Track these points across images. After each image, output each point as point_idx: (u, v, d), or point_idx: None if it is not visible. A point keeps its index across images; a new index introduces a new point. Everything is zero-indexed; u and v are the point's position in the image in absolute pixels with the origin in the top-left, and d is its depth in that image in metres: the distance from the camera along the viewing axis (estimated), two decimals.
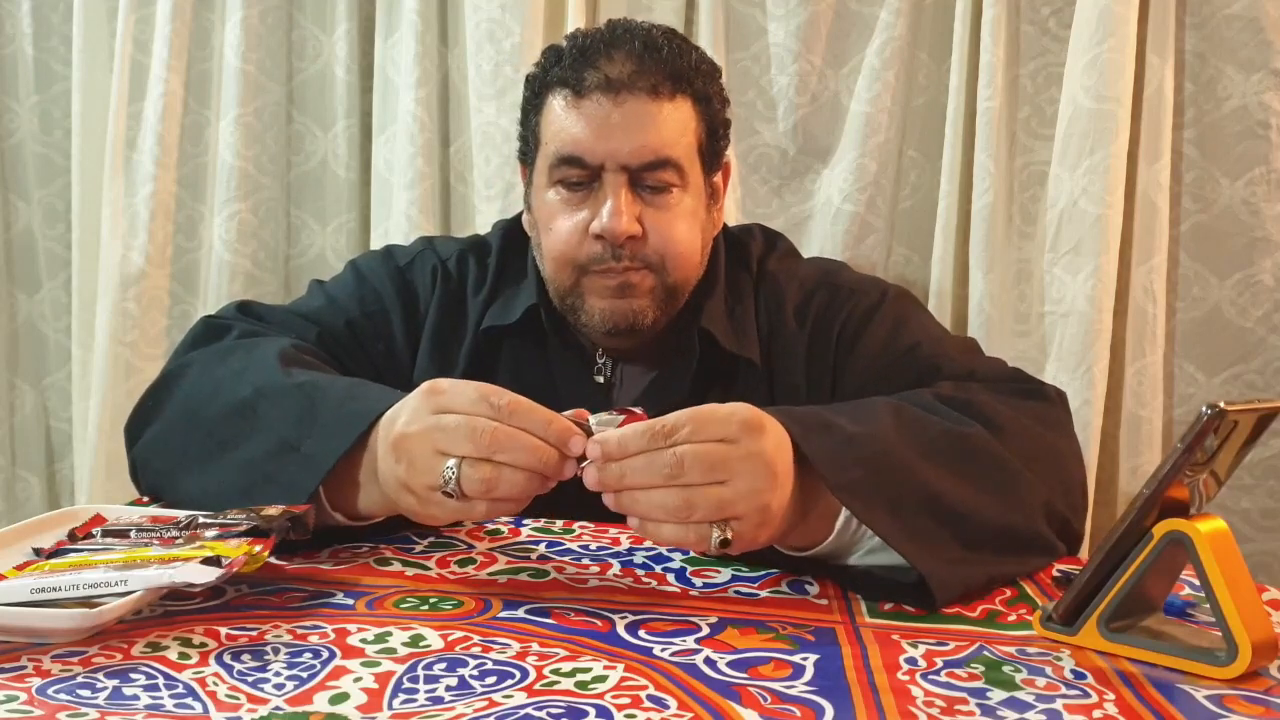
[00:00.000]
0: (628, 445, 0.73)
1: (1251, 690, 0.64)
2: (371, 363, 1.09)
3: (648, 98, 1.01)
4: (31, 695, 0.58)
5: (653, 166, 1.02)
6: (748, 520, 0.73)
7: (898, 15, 1.52)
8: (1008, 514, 0.83)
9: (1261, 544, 1.50)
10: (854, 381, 1.05)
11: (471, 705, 0.58)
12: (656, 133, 1.01)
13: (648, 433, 0.73)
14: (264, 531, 0.77)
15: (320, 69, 1.71)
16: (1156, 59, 1.46)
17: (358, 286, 1.13)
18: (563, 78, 1.04)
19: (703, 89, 1.06)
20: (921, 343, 1.06)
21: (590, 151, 1.01)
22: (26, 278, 1.84)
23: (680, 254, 1.04)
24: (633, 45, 1.03)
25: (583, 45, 1.04)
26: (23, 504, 1.85)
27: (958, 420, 0.86)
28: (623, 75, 1.01)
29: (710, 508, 0.72)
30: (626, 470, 0.72)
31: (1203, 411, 0.64)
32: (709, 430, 0.73)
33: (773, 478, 0.73)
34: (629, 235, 1.01)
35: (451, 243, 1.19)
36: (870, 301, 1.10)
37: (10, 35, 1.79)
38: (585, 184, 1.03)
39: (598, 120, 1.01)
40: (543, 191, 1.06)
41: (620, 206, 1.00)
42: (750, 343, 1.08)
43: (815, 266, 1.18)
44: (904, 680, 0.64)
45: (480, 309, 1.11)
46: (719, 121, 1.09)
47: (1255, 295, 1.48)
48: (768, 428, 0.74)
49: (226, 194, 1.68)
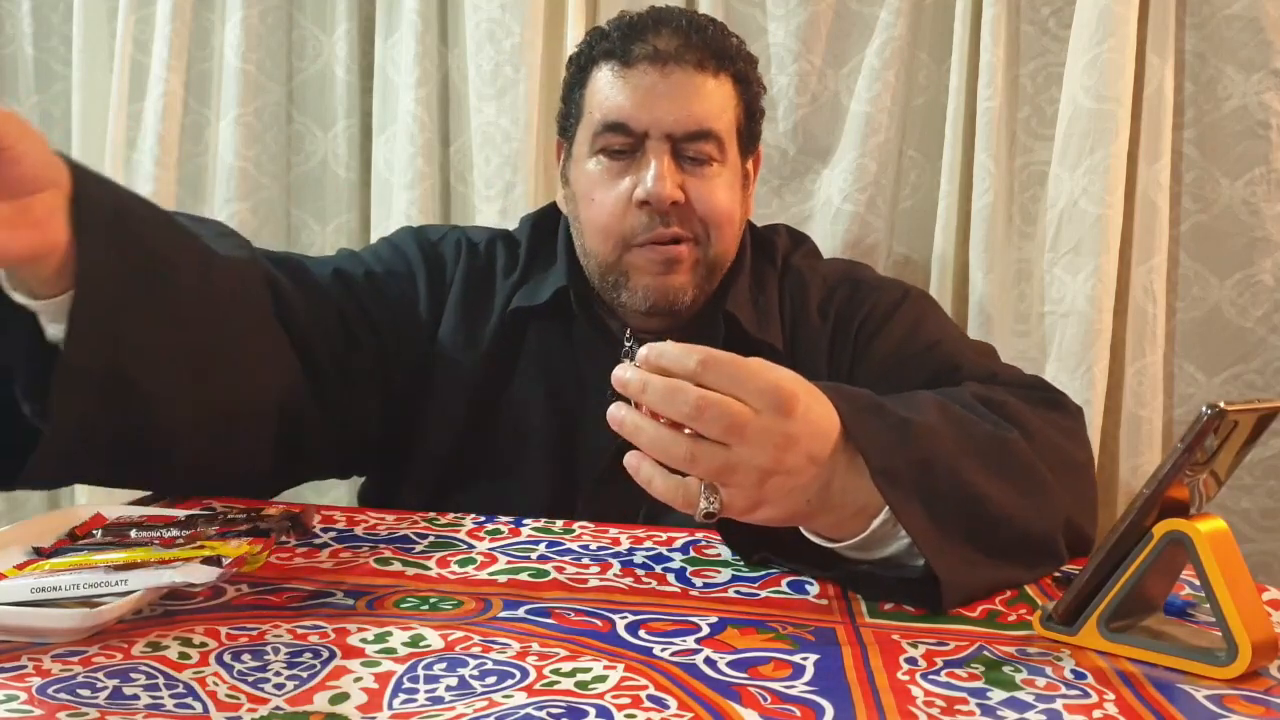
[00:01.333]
0: (664, 359, 0.71)
1: (1251, 690, 0.64)
2: (390, 311, 1.10)
3: (694, 70, 1.04)
4: (31, 695, 0.58)
5: (695, 137, 1.04)
6: (741, 491, 0.72)
7: (898, 15, 1.52)
8: (1035, 522, 0.83)
9: (1261, 544, 1.50)
10: (870, 375, 1.06)
11: (471, 705, 0.58)
12: (701, 104, 1.04)
13: (686, 358, 0.71)
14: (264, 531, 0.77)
15: (320, 69, 1.71)
16: (1156, 59, 1.46)
17: (388, 250, 1.16)
18: (609, 50, 1.06)
19: (744, 71, 1.09)
20: (941, 341, 1.07)
21: (635, 118, 1.03)
22: None
23: (722, 223, 1.06)
24: (680, 22, 1.07)
25: (629, 22, 1.08)
26: (23, 504, 1.84)
27: (995, 423, 0.85)
28: (670, 48, 1.04)
29: (712, 466, 0.71)
30: (648, 386, 0.70)
31: (1203, 411, 0.64)
32: (744, 387, 0.71)
33: (781, 460, 0.71)
34: (673, 200, 1.02)
35: (481, 230, 1.21)
36: (892, 299, 1.12)
37: (10, 35, 1.78)
38: (628, 153, 1.05)
39: (644, 89, 1.03)
40: (583, 162, 1.08)
41: (663, 171, 1.02)
42: (774, 329, 1.09)
43: (839, 265, 1.21)
44: (904, 680, 0.64)
45: (509, 291, 1.12)
46: (756, 106, 1.12)
47: (1255, 295, 1.48)
48: (798, 412, 0.72)
49: (226, 194, 1.68)
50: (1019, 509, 0.81)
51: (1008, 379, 1.01)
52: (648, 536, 0.92)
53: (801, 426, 0.72)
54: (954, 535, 0.77)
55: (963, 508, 0.78)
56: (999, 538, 0.79)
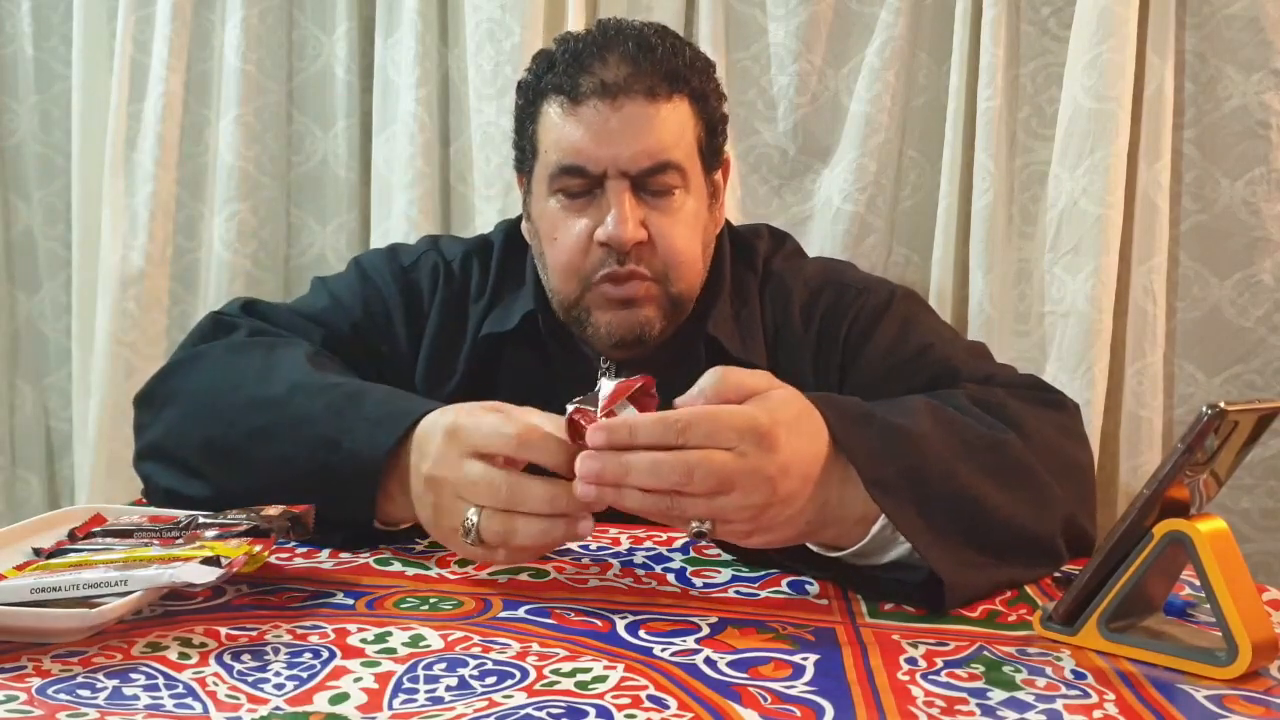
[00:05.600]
0: (638, 435, 0.70)
1: (1251, 690, 0.64)
2: (375, 364, 1.08)
3: (645, 100, 1.00)
4: (31, 695, 0.58)
5: (654, 171, 1.01)
6: (737, 526, 0.72)
7: (898, 15, 1.52)
8: (1034, 524, 0.83)
9: (1261, 544, 1.50)
10: (862, 381, 1.04)
11: (471, 705, 0.58)
12: (656, 136, 1.00)
13: (659, 426, 0.70)
14: (264, 531, 0.77)
15: (320, 69, 1.71)
16: (1156, 59, 1.46)
17: (362, 286, 1.12)
18: (557, 84, 1.02)
19: (700, 87, 1.05)
20: (934, 344, 1.05)
21: (592, 160, 1.00)
22: (26, 278, 1.84)
23: (683, 263, 1.03)
24: (626, 47, 1.01)
25: (575, 49, 1.02)
26: (23, 504, 1.85)
27: (991, 425, 0.85)
28: (619, 79, 0.99)
29: (699, 513, 0.71)
30: (631, 467, 0.70)
31: (1203, 411, 0.64)
32: (722, 436, 0.70)
33: (774, 491, 0.71)
34: (636, 241, 1.00)
35: (457, 244, 1.18)
36: (878, 301, 1.09)
37: (10, 35, 1.78)
38: (587, 192, 1.02)
39: (596, 127, 0.99)
40: (543, 200, 1.05)
41: (625, 214, 0.99)
42: (756, 345, 1.08)
43: (821, 265, 1.18)
44: (904, 680, 0.64)
45: (480, 316, 1.10)
46: (717, 118, 1.07)
47: (1255, 295, 1.48)
48: (780, 441, 0.71)
49: (226, 194, 1.68)
50: (1016, 510, 0.81)
51: (1004, 380, 1.00)
52: (648, 536, 0.92)
53: (788, 454, 0.72)
54: (951, 538, 0.77)
55: (959, 510, 0.78)
56: (997, 539, 0.79)
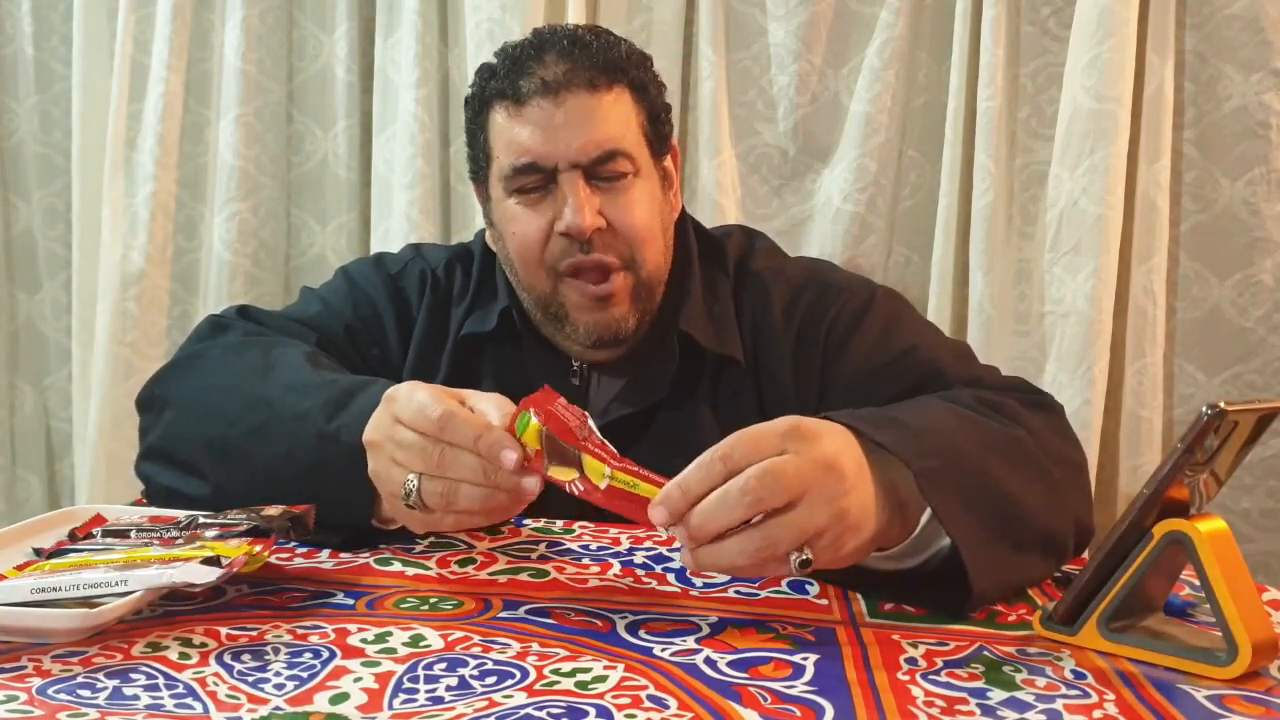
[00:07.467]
0: (690, 488, 0.69)
1: (1251, 690, 0.64)
2: (368, 366, 1.10)
3: (587, 93, 1.03)
4: (31, 695, 0.58)
5: (604, 159, 1.03)
6: (830, 533, 0.70)
7: (898, 15, 1.53)
8: (1053, 519, 0.83)
9: (1261, 544, 1.50)
10: (845, 382, 1.04)
11: (471, 705, 0.58)
12: (602, 126, 1.03)
13: (704, 466, 0.69)
14: (264, 531, 0.77)
15: (320, 69, 1.72)
16: (1156, 59, 1.46)
17: (351, 292, 1.14)
18: (500, 90, 1.05)
19: (638, 77, 1.07)
20: (918, 346, 1.05)
21: (542, 156, 1.03)
22: (26, 278, 1.84)
23: (645, 241, 1.05)
24: (562, 45, 1.04)
25: (514, 55, 1.06)
26: (23, 504, 1.85)
27: (1002, 422, 0.85)
28: (558, 75, 1.02)
29: (792, 537, 0.69)
30: (705, 517, 0.68)
31: (1203, 411, 0.64)
32: (763, 447, 0.69)
33: (842, 479, 0.70)
34: (595, 228, 1.02)
35: (439, 251, 1.20)
36: (860, 301, 1.09)
37: (10, 35, 1.79)
38: (542, 187, 1.04)
39: (542, 124, 1.02)
40: (501, 203, 1.07)
41: (581, 202, 1.02)
42: (732, 340, 1.08)
43: (802, 265, 1.18)
44: (904, 680, 0.64)
45: (461, 318, 1.12)
46: (659, 107, 1.10)
47: (1255, 295, 1.48)
48: (822, 431, 0.71)
49: (226, 194, 1.68)
50: (1041, 506, 0.81)
51: (991, 382, 1.00)
52: (648, 536, 0.92)
53: (831, 444, 0.71)
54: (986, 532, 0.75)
55: (993, 503, 0.77)
56: (1024, 533, 0.79)
